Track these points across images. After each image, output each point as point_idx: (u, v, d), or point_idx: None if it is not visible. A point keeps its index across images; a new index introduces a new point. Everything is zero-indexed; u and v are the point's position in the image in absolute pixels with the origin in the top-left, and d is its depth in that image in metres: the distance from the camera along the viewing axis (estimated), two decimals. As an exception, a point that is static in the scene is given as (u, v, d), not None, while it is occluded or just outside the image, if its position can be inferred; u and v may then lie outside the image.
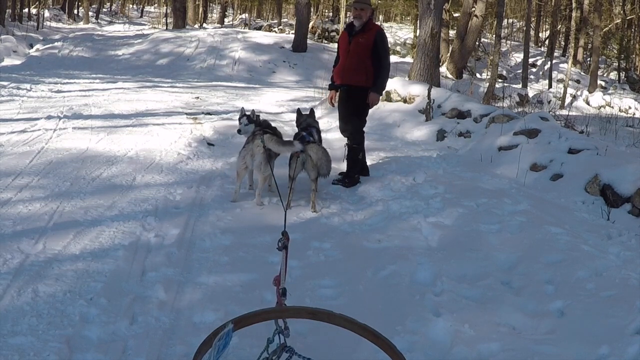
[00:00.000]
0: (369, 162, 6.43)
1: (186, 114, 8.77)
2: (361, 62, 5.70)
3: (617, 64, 25.31)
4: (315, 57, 17.99)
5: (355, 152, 5.84)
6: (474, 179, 5.81)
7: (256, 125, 5.11)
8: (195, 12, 26.99)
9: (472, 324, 2.94)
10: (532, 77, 22.40)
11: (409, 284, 3.44)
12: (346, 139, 6.00)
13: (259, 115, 5.35)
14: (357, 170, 5.84)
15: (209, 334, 1.77)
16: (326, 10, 33.49)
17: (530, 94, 16.57)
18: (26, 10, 27.27)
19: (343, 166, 6.25)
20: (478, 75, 20.91)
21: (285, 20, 30.54)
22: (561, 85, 18.56)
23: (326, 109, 9.95)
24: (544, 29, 33.74)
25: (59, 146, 6.19)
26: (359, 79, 5.73)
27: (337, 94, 6.02)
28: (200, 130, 7.53)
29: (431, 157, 6.83)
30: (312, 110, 5.74)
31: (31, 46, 18.62)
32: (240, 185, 5.01)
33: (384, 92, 6.03)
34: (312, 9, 24.30)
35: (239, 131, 5.15)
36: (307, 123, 5.43)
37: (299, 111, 5.69)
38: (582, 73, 23.78)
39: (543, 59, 25.93)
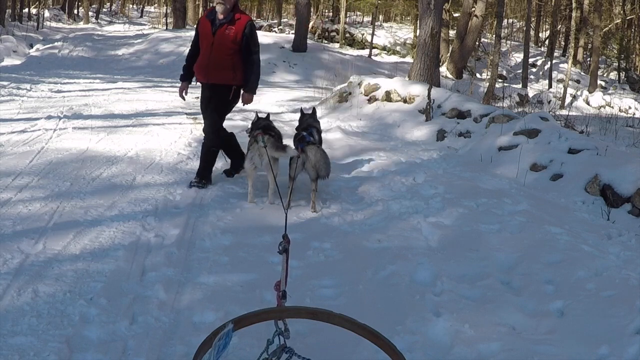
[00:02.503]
0: (369, 161, 6.42)
1: (186, 114, 8.76)
2: (228, 58, 5.13)
3: (617, 64, 25.31)
4: (315, 57, 17.98)
5: (212, 155, 5.36)
6: (474, 179, 5.81)
7: (257, 128, 5.08)
8: (195, 12, 26.98)
9: (472, 324, 2.94)
10: (532, 77, 22.40)
11: (409, 284, 3.44)
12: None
13: (259, 117, 5.28)
14: (209, 170, 5.33)
15: (209, 334, 1.77)
16: (326, 10, 33.50)
17: (530, 94, 16.58)
18: (26, 10, 27.27)
19: (343, 166, 6.25)
20: (478, 75, 20.91)
21: (285, 20, 30.53)
22: (561, 85, 18.57)
23: (327, 108, 9.96)
24: (544, 29, 33.74)
25: (59, 146, 6.19)
26: (225, 77, 5.18)
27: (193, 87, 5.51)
28: (200, 130, 7.51)
29: (431, 157, 6.83)
30: (314, 110, 5.71)
31: (31, 46, 18.61)
32: (253, 185, 4.99)
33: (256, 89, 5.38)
34: (312, 9, 24.31)
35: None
36: (307, 123, 5.43)
37: (301, 111, 5.68)
38: (582, 73, 23.79)
39: (543, 59, 25.93)
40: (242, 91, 5.29)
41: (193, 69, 5.38)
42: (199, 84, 5.48)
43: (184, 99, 5.63)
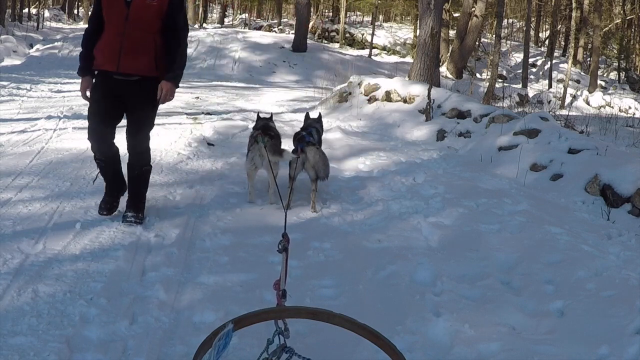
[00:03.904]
0: (369, 162, 6.41)
1: (186, 114, 8.76)
2: (150, 38, 3.85)
3: (617, 64, 25.33)
4: (315, 57, 18.01)
5: (147, 175, 4.28)
6: (474, 179, 5.81)
7: (256, 128, 5.08)
8: (195, 12, 27.00)
9: (472, 324, 2.94)
10: (532, 77, 22.42)
11: (409, 284, 3.44)
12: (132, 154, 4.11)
13: (262, 117, 5.25)
14: (144, 198, 4.29)
15: (209, 334, 1.77)
16: (326, 10, 33.52)
17: (530, 94, 16.60)
18: (26, 10, 27.29)
19: (342, 166, 6.25)
20: (478, 75, 20.93)
21: (285, 20, 30.55)
22: (561, 85, 18.57)
23: (327, 108, 9.96)
24: (544, 29, 33.77)
25: (59, 146, 6.19)
26: (145, 65, 3.88)
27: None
28: (200, 130, 7.53)
29: (431, 157, 6.83)
30: (319, 115, 5.67)
31: (31, 46, 18.62)
32: (253, 185, 4.99)
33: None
34: (312, 9, 24.31)
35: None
36: (307, 123, 5.43)
37: (307, 115, 5.64)
38: (582, 73, 23.81)
39: (543, 59, 25.96)
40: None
41: (94, 53, 4.04)
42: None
43: (88, 99, 4.18)
